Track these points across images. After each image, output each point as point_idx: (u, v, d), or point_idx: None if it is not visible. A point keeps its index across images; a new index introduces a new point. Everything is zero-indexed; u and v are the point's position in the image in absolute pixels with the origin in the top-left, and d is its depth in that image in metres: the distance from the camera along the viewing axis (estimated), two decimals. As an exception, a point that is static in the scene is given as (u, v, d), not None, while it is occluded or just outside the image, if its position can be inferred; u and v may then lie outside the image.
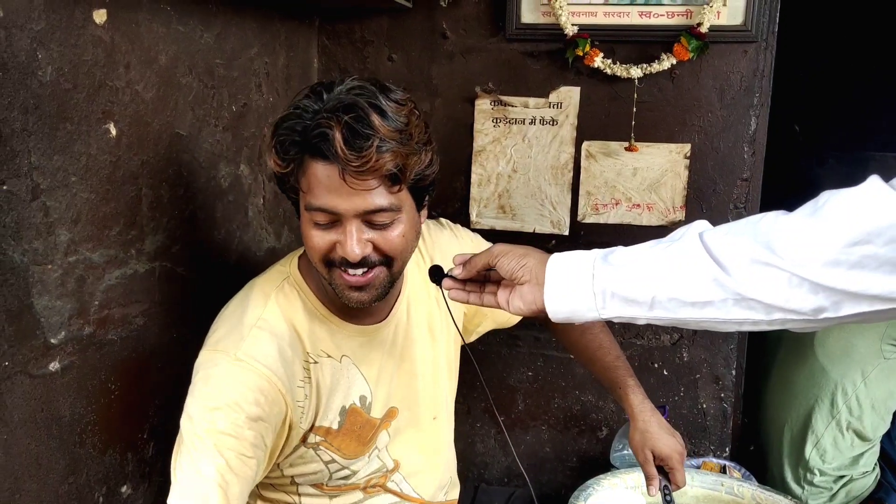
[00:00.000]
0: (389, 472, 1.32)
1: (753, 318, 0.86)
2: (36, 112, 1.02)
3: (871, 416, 1.84)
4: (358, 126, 1.00)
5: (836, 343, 1.85)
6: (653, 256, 0.92)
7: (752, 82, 1.67)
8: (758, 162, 1.72)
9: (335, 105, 1.02)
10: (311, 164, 1.05)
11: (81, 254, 1.14)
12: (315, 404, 1.18)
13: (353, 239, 1.06)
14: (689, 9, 1.65)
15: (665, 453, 1.35)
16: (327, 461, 1.23)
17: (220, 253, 1.49)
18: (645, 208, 1.76)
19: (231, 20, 1.48)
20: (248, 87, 1.56)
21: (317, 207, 1.06)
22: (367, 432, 1.26)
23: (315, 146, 1.02)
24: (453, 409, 1.48)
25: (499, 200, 1.83)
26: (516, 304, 1.00)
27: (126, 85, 1.20)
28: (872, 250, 0.78)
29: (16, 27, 0.98)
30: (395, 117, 1.04)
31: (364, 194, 1.04)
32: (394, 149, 1.02)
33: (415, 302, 1.33)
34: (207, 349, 1.13)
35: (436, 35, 1.80)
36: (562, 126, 1.77)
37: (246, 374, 1.08)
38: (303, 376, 1.16)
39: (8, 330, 1.01)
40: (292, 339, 1.15)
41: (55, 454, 1.12)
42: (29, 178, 1.02)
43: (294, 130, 1.05)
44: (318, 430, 1.20)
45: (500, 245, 1.02)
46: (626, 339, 1.83)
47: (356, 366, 1.23)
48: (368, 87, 1.06)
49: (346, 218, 1.06)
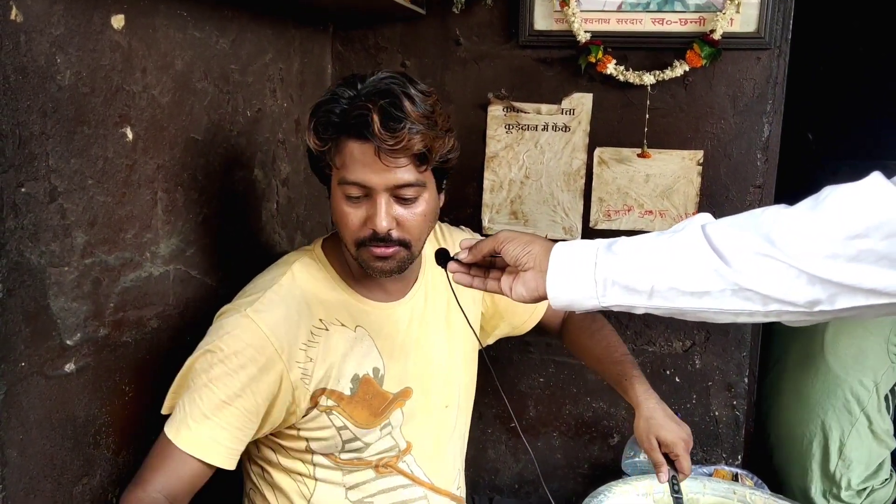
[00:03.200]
0: (402, 452, 1.36)
1: (750, 309, 0.87)
2: (54, 116, 1.03)
3: (887, 420, 1.83)
4: (392, 110, 1.12)
5: (848, 350, 1.84)
6: (654, 246, 0.93)
7: (766, 89, 1.67)
8: (771, 169, 1.71)
9: (371, 91, 1.15)
10: (348, 143, 1.16)
11: (97, 256, 1.15)
12: (324, 368, 1.25)
13: (382, 211, 1.17)
14: (702, 16, 1.65)
15: (670, 440, 1.35)
16: (339, 427, 1.28)
17: (234, 256, 1.50)
18: (657, 215, 1.76)
19: (246, 26, 1.49)
20: (263, 92, 1.58)
21: (351, 181, 1.17)
22: (378, 403, 1.31)
23: (354, 126, 1.14)
24: (471, 408, 1.49)
25: (511, 206, 1.83)
26: (519, 291, 1.02)
27: (143, 89, 1.21)
28: (871, 244, 0.78)
29: (35, 32, 0.99)
30: (422, 104, 1.16)
31: (395, 170, 1.15)
32: (422, 131, 1.14)
33: (433, 292, 1.40)
34: (228, 305, 1.26)
35: (449, 42, 1.81)
36: (574, 132, 1.77)
37: (247, 329, 1.19)
38: (307, 339, 1.24)
39: (24, 331, 1.02)
40: (301, 305, 1.25)
41: (70, 455, 1.13)
42: (47, 180, 1.03)
43: (332, 113, 1.16)
44: (332, 394, 1.26)
45: (506, 231, 1.05)
46: (637, 345, 1.82)
47: (371, 337, 1.31)
48: (399, 77, 1.18)
49: (376, 192, 1.17)
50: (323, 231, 1.86)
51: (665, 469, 1.36)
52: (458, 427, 1.47)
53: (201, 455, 1.16)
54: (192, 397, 1.17)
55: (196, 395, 1.17)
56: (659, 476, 1.37)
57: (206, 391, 1.17)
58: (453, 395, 1.43)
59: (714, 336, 1.79)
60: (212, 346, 1.19)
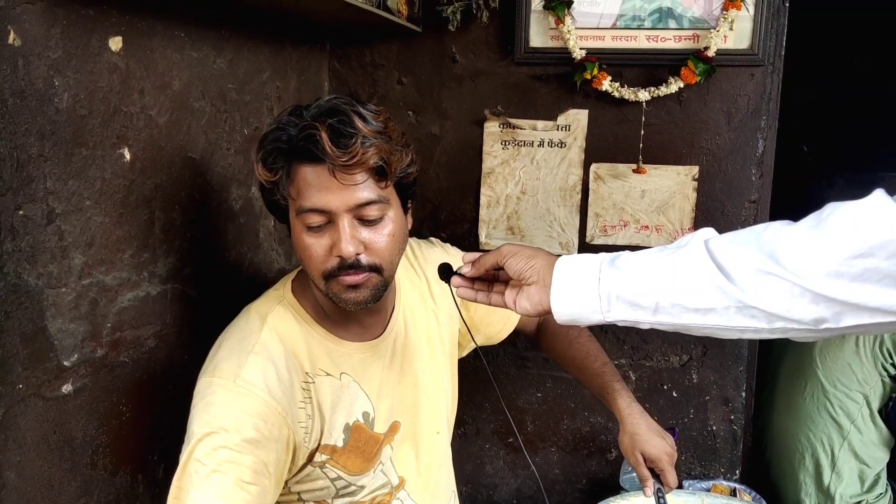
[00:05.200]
0: (395, 488, 1.32)
1: (755, 327, 0.87)
2: (52, 138, 1.04)
3: (881, 433, 1.83)
4: (341, 126, 1.07)
5: (835, 363, 1.85)
6: (658, 262, 0.93)
7: (760, 105, 1.68)
8: (765, 184, 1.72)
9: (317, 112, 1.10)
10: (300, 168, 1.10)
11: (95, 277, 1.15)
12: (319, 423, 1.20)
13: (346, 234, 1.10)
14: (696, 33, 1.66)
15: (654, 455, 1.35)
16: (333, 478, 1.24)
17: (232, 275, 1.51)
18: (653, 230, 1.76)
19: (243, 45, 1.50)
20: (260, 110, 1.58)
21: (309, 208, 1.10)
22: (371, 448, 1.27)
23: (303, 149, 1.08)
24: (453, 425, 1.48)
25: (507, 222, 1.84)
26: (523, 305, 1.02)
27: (140, 110, 1.22)
28: (874, 263, 0.78)
29: (33, 55, 1.00)
30: (373, 121, 1.11)
31: (353, 189, 1.09)
32: (377, 143, 1.09)
33: (411, 316, 1.35)
34: (206, 375, 1.13)
35: (445, 59, 1.82)
36: (570, 148, 1.78)
37: (244, 399, 1.09)
38: (303, 397, 1.17)
39: (22, 353, 1.02)
40: (289, 361, 1.16)
41: (67, 476, 1.13)
42: (44, 202, 1.04)
43: (280, 140, 1.11)
44: (325, 448, 1.21)
45: (510, 245, 1.05)
46: (635, 360, 1.83)
47: (357, 382, 1.25)
48: (346, 98, 1.14)
49: (337, 215, 1.10)
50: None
51: (650, 483, 1.37)
52: (447, 448, 1.45)
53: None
54: (202, 490, 1.02)
55: (206, 487, 1.03)
56: (644, 490, 1.38)
57: (218, 478, 1.03)
58: (443, 419, 1.40)
59: (711, 351, 1.80)
60: (210, 426, 1.06)
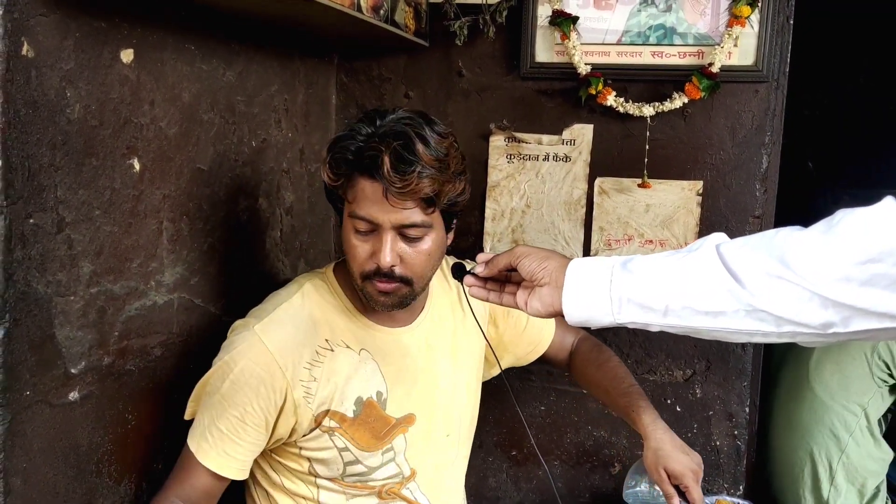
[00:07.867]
0: (406, 479, 1.37)
1: (764, 330, 0.88)
2: (63, 148, 1.06)
3: (880, 446, 1.82)
4: (404, 153, 1.16)
5: (832, 376, 1.84)
6: (669, 265, 0.94)
7: (764, 121, 1.69)
8: (769, 199, 1.73)
9: (386, 131, 1.19)
10: (360, 180, 1.20)
11: (103, 285, 1.16)
12: (328, 389, 1.28)
13: (387, 247, 1.21)
14: (700, 49, 1.68)
15: (678, 471, 1.34)
16: (341, 448, 1.30)
17: (238, 285, 1.52)
18: (658, 244, 1.77)
19: (252, 58, 1.52)
20: (268, 122, 1.60)
21: (360, 216, 1.21)
22: (380, 427, 1.32)
23: (366, 166, 1.18)
24: (472, 438, 1.49)
25: (512, 235, 1.85)
26: (534, 306, 1.03)
27: (150, 121, 1.23)
28: (884, 269, 0.79)
29: (46, 67, 1.01)
30: (436, 147, 1.20)
31: (402, 211, 1.19)
32: (432, 175, 1.17)
33: (439, 322, 1.42)
34: (242, 319, 1.31)
35: (452, 73, 1.84)
36: (575, 163, 1.79)
37: (252, 346, 1.24)
38: (311, 358, 1.28)
39: (30, 360, 1.03)
40: (308, 325, 1.29)
41: (72, 483, 1.14)
42: (55, 211, 1.05)
43: (348, 150, 1.20)
44: (335, 415, 1.29)
45: (523, 246, 1.07)
46: (638, 374, 1.82)
47: (375, 361, 1.33)
48: (416, 119, 1.22)
49: (383, 228, 1.21)
50: (326, 259, 1.88)
51: (676, 501, 1.35)
52: (459, 457, 1.47)
53: (216, 468, 1.23)
54: (209, 410, 1.25)
55: (212, 409, 1.24)
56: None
57: (220, 407, 1.23)
58: (454, 425, 1.44)
59: (715, 365, 1.80)
60: (224, 360, 1.25)
